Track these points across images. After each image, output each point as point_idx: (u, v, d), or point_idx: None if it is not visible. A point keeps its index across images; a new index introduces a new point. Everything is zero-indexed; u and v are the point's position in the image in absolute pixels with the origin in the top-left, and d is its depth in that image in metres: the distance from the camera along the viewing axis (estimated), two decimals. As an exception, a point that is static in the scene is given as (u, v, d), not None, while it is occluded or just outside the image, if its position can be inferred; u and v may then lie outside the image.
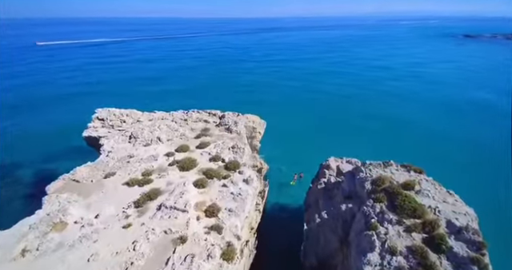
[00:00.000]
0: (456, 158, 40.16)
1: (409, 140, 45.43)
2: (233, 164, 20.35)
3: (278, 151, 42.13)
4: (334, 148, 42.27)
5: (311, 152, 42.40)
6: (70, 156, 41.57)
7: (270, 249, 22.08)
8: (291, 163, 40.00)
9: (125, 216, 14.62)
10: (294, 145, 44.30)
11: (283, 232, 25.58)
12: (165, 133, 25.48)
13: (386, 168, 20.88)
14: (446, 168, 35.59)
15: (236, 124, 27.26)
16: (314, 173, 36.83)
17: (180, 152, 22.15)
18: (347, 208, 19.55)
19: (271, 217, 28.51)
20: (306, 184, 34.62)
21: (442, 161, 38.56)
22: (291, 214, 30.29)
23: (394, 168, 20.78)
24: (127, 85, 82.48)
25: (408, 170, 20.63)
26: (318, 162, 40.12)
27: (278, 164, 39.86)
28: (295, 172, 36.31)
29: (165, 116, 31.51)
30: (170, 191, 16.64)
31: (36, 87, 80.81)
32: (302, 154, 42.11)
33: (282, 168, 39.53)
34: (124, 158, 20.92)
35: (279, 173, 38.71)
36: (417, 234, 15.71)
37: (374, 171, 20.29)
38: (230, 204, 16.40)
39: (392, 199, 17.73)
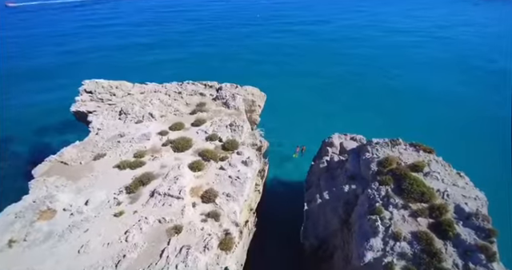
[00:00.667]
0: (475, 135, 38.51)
1: (424, 114, 43.24)
2: (231, 143, 19.04)
3: (279, 124, 40.73)
4: (339, 122, 40.87)
5: (315, 126, 41.13)
6: (63, 130, 40.25)
7: (269, 227, 22.02)
8: (293, 136, 38.84)
9: (116, 203, 13.77)
10: (296, 119, 42.67)
11: (283, 209, 25.45)
12: (157, 108, 23.69)
13: (393, 147, 19.64)
14: (462, 145, 34.56)
15: (234, 98, 25.32)
16: (316, 148, 36.17)
17: (174, 130, 20.68)
18: (350, 190, 18.82)
19: (271, 194, 28.24)
20: (309, 157, 33.81)
21: (460, 137, 37.15)
22: (292, 190, 30.05)
23: (402, 148, 19.55)
24: (115, 54, 77.14)
25: (417, 150, 19.43)
26: (322, 136, 39.17)
27: (279, 138, 38.83)
28: (298, 145, 35.29)
29: (157, 88, 29.31)
30: (163, 175, 15.60)
31: (12, 59, 72.03)
32: (305, 128, 40.76)
33: (283, 142, 38.56)
34: (114, 137, 19.53)
35: (280, 147, 37.86)
36: (423, 219, 15.10)
37: (381, 151, 19.09)
38: (227, 189, 15.50)
39: (399, 182, 16.82)
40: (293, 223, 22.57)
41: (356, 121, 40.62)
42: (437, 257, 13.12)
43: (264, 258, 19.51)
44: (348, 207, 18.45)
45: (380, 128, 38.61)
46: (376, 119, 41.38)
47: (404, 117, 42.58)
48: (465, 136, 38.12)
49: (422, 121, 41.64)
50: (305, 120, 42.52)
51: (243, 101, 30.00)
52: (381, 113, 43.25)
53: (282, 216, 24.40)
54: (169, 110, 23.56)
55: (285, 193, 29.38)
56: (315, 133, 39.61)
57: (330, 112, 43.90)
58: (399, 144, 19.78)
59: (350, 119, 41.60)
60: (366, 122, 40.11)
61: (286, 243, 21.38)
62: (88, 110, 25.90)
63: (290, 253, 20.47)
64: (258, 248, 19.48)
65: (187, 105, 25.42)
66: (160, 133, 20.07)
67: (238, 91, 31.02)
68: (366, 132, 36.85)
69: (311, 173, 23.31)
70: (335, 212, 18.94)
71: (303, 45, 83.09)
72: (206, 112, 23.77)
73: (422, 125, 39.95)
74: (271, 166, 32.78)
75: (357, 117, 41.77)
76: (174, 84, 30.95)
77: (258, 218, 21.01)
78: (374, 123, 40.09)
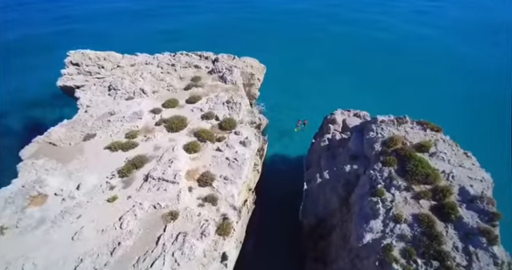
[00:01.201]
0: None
1: (432, 90, 41.08)
2: (228, 122, 17.99)
3: (279, 98, 39.17)
4: (343, 97, 39.18)
5: (317, 100, 39.61)
6: (53, 103, 38.64)
7: (268, 205, 22.09)
8: (294, 111, 37.62)
9: (109, 188, 13.22)
10: (297, 92, 40.86)
11: (283, 186, 25.34)
12: (149, 83, 22.09)
13: (399, 125, 18.67)
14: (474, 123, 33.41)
15: (231, 71, 23.55)
16: (319, 122, 35.34)
17: (168, 107, 19.43)
18: (351, 170, 18.30)
19: (271, 170, 27.92)
20: (310, 131, 32.92)
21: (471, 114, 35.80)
22: (292, 166, 29.80)
23: (408, 126, 18.59)
24: (102, 21, 71.47)
25: (424, 128, 18.49)
26: (324, 111, 37.90)
27: (280, 113, 37.66)
28: (299, 119, 34.29)
29: (149, 60, 27.27)
30: (157, 157, 14.85)
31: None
32: (307, 102, 39.28)
33: (283, 116, 37.44)
34: (104, 115, 18.38)
35: (281, 122, 36.85)
36: (425, 201, 14.76)
37: (387, 130, 18.15)
38: (225, 172, 14.89)
39: (403, 162, 16.19)
40: (292, 200, 22.62)
41: (361, 94, 38.99)
42: (437, 240, 12.99)
43: (263, 236, 19.82)
44: (348, 187, 18.12)
45: (386, 103, 37.15)
46: (380, 90, 39.61)
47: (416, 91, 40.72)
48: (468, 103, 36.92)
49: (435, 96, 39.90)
50: (308, 93, 40.76)
51: (241, 74, 28.21)
52: (386, 84, 41.32)
53: (282, 193, 24.40)
54: (161, 85, 22.01)
55: (285, 170, 29.18)
56: (318, 106, 38.28)
57: (334, 83, 41.87)
58: (406, 122, 18.76)
59: (355, 91, 39.84)
60: (371, 94, 38.49)
61: (284, 220, 21.61)
62: (75, 85, 24.32)
63: (288, 231, 20.78)
64: (257, 226, 19.69)
65: (181, 80, 23.76)
66: (153, 110, 18.86)
67: (235, 63, 29.04)
68: (371, 104, 35.69)
69: (312, 152, 22.67)
70: (335, 192, 18.69)
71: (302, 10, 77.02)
72: (202, 87, 22.25)
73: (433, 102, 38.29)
74: (271, 141, 32.19)
75: (362, 90, 39.96)
76: (167, 55, 28.80)
77: (257, 195, 20.89)
78: (379, 95, 38.42)
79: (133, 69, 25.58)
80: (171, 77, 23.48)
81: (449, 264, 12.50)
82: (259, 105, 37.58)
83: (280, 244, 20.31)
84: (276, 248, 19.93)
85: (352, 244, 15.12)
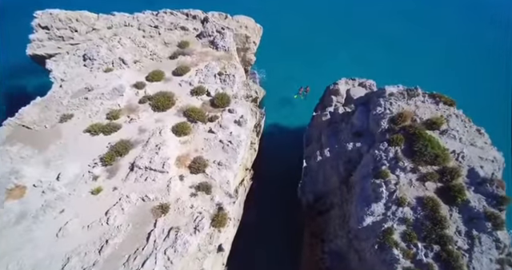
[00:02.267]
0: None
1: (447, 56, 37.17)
2: (221, 99, 16.13)
3: (278, 63, 35.99)
4: (348, 61, 36.04)
5: (320, 66, 36.46)
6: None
7: (266, 180, 21.55)
8: (294, 77, 34.91)
9: (92, 178, 12.12)
10: (298, 57, 37.41)
11: (281, 160, 24.52)
12: (129, 50, 19.34)
13: (410, 99, 16.99)
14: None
15: (223, 36, 20.58)
16: (320, 91, 33.18)
17: (152, 81, 17.26)
18: (354, 148, 17.21)
19: (269, 142, 26.57)
20: (312, 100, 30.88)
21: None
22: (291, 138, 28.60)
23: (419, 100, 16.93)
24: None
25: (436, 102, 16.88)
26: (328, 77, 35.36)
27: (279, 79, 34.95)
28: (300, 86, 32.13)
29: (128, 20, 23.75)
30: (143, 142, 13.44)
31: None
32: (309, 68, 36.26)
33: (282, 84, 34.90)
34: (81, 92, 16.31)
35: (280, 88, 34.49)
36: (431, 183, 14.03)
37: (396, 105, 16.52)
38: (219, 156, 13.70)
39: (411, 141, 15.01)
40: (290, 175, 22.08)
41: (369, 59, 35.92)
42: (440, 224, 12.58)
43: (260, 211, 19.73)
44: (350, 165, 17.28)
45: (396, 66, 34.34)
46: (390, 55, 36.29)
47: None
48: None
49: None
50: (311, 57, 37.40)
51: (235, 37, 25.08)
52: (397, 48, 37.75)
53: (280, 167, 23.75)
54: (143, 53, 19.32)
55: (284, 142, 28.05)
56: (322, 72, 35.57)
57: (340, 46, 38.13)
58: (417, 95, 17.01)
59: (363, 56, 36.55)
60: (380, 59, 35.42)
61: (282, 196, 21.35)
62: (47, 53, 21.50)
63: (286, 206, 20.67)
64: (255, 202, 19.42)
65: (166, 46, 20.90)
66: (135, 85, 16.74)
67: (227, 23, 25.62)
68: (379, 70, 33.01)
69: (312, 126, 21.28)
70: (335, 170, 17.93)
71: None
72: (190, 55, 19.62)
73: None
74: (269, 110, 30.43)
75: (371, 54, 36.61)
76: (148, 14, 25.07)
77: (254, 171, 20.21)
78: (389, 61, 35.29)
79: (110, 33, 22.39)
80: (154, 43, 20.59)
81: (450, 248, 12.29)
82: (257, 71, 34.82)
83: (278, 219, 20.42)
84: (273, 223, 20.09)
85: (351, 226, 14.85)
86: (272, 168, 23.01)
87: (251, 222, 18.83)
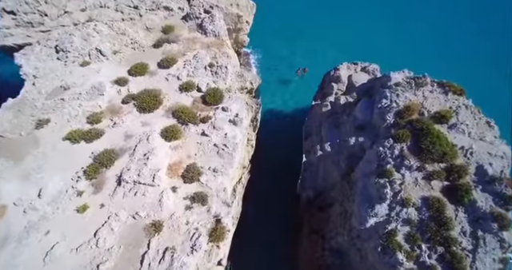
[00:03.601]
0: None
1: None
2: (213, 95, 14.65)
3: (274, 42, 33.47)
4: (350, 41, 33.45)
5: (319, 45, 33.92)
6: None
7: (265, 172, 20.84)
8: (292, 56, 32.76)
9: (76, 193, 11.14)
10: (295, 35, 34.69)
11: (279, 150, 23.61)
12: (107, 38, 17.16)
13: (417, 89, 15.77)
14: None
15: (212, 18, 18.29)
16: (319, 72, 31.22)
17: (135, 75, 15.50)
18: (357, 142, 16.32)
19: (267, 130, 25.14)
20: (311, 81, 29.08)
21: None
22: (289, 125, 27.43)
23: (428, 90, 15.74)
24: None
25: (446, 91, 15.72)
26: (328, 59, 33.30)
27: (276, 59, 32.78)
28: (299, 67, 30.46)
29: (103, 0, 20.96)
30: (130, 150, 12.25)
31: None
32: (307, 47, 33.82)
33: (280, 63, 32.85)
34: (56, 92, 14.62)
35: (276, 70, 32.56)
36: (437, 182, 13.45)
37: (402, 96, 15.32)
38: (214, 162, 12.69)
39: (418, 137, 14.11)
40: (289, 166, 21.41)
41: (368, 34, 33.45)
42: (445, 226, 12.22)
43: (259, 205, 19.31)
44: (352, 160, 16.51)
45: (400, 46, 32.12)
46: (395, 34, 33.70)
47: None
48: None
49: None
50: (308, 35, 34.73)
51: (225, 16, 22.66)
52: (401, 28, 35.05)
53: (278, 157, 22.92)
54: (123, 42, 17.19)
55: (281, 129, 26.86)
56: (322, 51, 33.35)
57: (341, 23, 35.24)
58: (425, 84, 15.73)
59: (367, 33, 33.96)
60: (384, 37, 33.00)
61: (280, 190, 20.85)
62: (16, 43, 19.15)
63: (285, 200, 20.28)
64: (252, 197, 18.88)
65: (148, 31, 18.65)
66: (116, 81, 15.01)
67: (216, 0, 22.95)
68: (383, 47, 30.83)
69: (311, 117, 20.08)
70: (336, 165, 17.21)
71: None
72: (176, 42, 17.56)
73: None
74: (266, 95, 29.06)
75: (375, 32, 33.98)
76: (127, -9, 22.13)
77: (252, 163, 19.42)
78: (393, 40, 32.89)
79: (85, 16, 19.85)
80: (135, 28, 18.30)
81: (454, 249, 12.08)
82: (251, 52, 32.59)
83: (276, 214, 20.14)
84: (272, 218, 19.83)
85: (353, 225, 14.51)
86: (269, 159, 22.15)
87: (249, 218, 18.51)
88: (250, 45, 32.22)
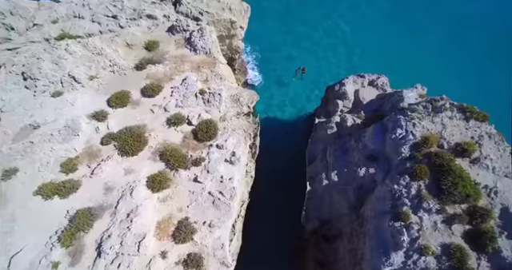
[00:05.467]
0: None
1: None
2: (206, 129, 12.80)
3: (270, 44, 31.04)
4: (353, 39, 31.01)
5: (319, 42, 31.57)
6: None
7: (263, 196, 19.40)
8: (290, 60, 30.61)
9: (51, 265, 9.61)
10: (294, 37, 32.26)
11: (280, 167, 22.06)
12: (82, 61, 14.92)
13: (435, 114, 14.06)
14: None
15: (202, 33, 15.95)
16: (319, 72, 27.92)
17: (116, 107, 13.49)
18: (367, 174, 14.82)
19: (265, 141, 23.37)
20: (311, 82, 28.62)
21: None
22: (289, 135, 25.76)
23: (447, 116, 14.04)
24: None
25: (466, 118, 14.06)
26: (328, 57, 31.13)
27: (272, 64, 30.59)
28: (299, 66, 28.77)
29: (77, 9, 18.45)
30: (110, 208, 10.60)
31: None
32: (305, 46, 31.51)
33: (276, 67, 30.77)
34: (25, 131, 12.66)
35: (275, 71, 30.57)
36: (459, 226, 12.14)
37: (420, 126, 13.60)
38: (209, 215, 11.13)
39: (437, 174, 12.63)
40: (290, 187, 19.92)
41: (377, 35, 31.01)
42: (465, 277, 11.03)
43: (260, 239, 18.03)
44: (361, 192, 15.11)
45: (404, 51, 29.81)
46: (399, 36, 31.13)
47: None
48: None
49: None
50: (308, 34, 32.28)
51: (217, 23, 20.35)
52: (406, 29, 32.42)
53: (278, 176, 21.44)
54: (101, 64, 14.96)
55: (281, 141, 25.15)
56: (321, 52, 31.16)
57: (342, 20, 32.61)
58: (444, 109, 14.00)
59: (371, 29, 31.47)
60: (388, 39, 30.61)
61: (281, 213, 19.46)
62: (-23, 64, 16.77)
63: (286, 227, 18.94)
64: (253, 226, 17.56)
65: (130, 48, 16.36)
66: (94, 115, 13.03)
67: (206, 4, 20.51)
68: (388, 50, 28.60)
69: (315, 139, 18.34)
70: (344, 196, 15.79)
71: None
72: (161, 62, 15.38)
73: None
74: (263, 100, 27.30)
75: (379, 31, 31.46)
76: (104, -3, 19.50)
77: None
78: (398, 43, 30.43)
79: (56, 30, 17.43)
80: (115, 45, 15.97)
81: (472, 301, 11.02)
82: (248, 53, 30.37)
83: (278, 240, 18.94)
84: (273, 249, 18.68)
85: (364, 269, 13.36)
86: (270, 180, 20.67)
87: (250, 247, 17.29)
88: (247, 43, 29.94)
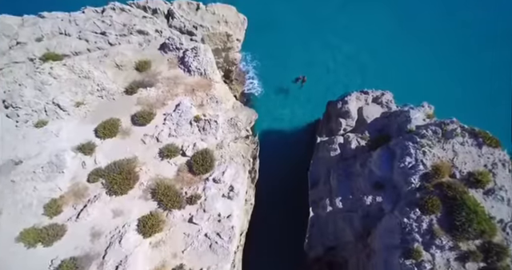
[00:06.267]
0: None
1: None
2: (201, 163, 11.87)
3: (270, 52, 30.19)
4: (354, 48, 30.05)
5: (319, 50, 30.60)
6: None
7: (264, 219, 18.57)
8: (290, 69, 29.76)
9: None
10: (295, 45, 31.34)
11: (280, 187, 21.24)
12: (67, 85, 13.88)
13: (446, 141, 13.18)
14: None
15: (196, 52, 14.92)
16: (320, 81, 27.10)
17: (104, 137, 12.53)
18: (374, 202, 13.99)
19: (265, 158, 22.51)
20: (310, 92, 27.88)
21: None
22: (291, 150, 24.88)
23: (458, 142, 13.17)
24: None
25: (479, 144, 13.25)
26: (328, 65, 29.68)
27: (272, 72, 29.69)
28: (299, 75, 28.20)
29: (63, 25, 17.45)
30: (98, 259, 9.71)
31: None
32: (304, 55, 30.64)
33: (277, 75, 29.93)
34: (6, 167, 11.67)
35: (274, 80, 29.73)
36: (472, 264, 11.38)
37: (430, 154, 12.74)
38: (206, 261, 10.25)
39: (450, 208, 11.82)
40: (293, 214, 19.08)
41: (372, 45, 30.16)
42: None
43: (260, 267, 17.18)
44: (368, 221, 14.30)
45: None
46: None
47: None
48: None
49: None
50: (308, 42, 31.31)
51: (212, 37, 19.44)
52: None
53: (278, 198, 20.61)
54: (88, 88, 13.94)
55: (281, 158, 24.29)
56: (321, 60, 30.25)
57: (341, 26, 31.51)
58: (455, 134, 13.13)
59: (366, 41, 30.50)
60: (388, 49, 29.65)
61: (283, 240, 18.66)
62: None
63: (289, 258, 18.08)
64: (253, 254, 16.74)
65: (119, 69, 15.32)
66: (80, 148, 12.05)
67: (200, 17, 19.67)
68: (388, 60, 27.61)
69: (317, 161, 17.46)
70: (348, 223, 15.01)
71: None
72: (153, 85, 14.38)
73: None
74: (262, 108, 26.58)
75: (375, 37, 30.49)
76: (91, 11, 18.51)
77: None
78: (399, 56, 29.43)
79: (41, 49, 16.37)
80: (103, 67, 14.92)
81: None
82: (248, 62, 29.57)
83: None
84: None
85: (372, 305, 12.62)
86: (270, 202, 19.75)
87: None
88: (247, 51, 29.11)
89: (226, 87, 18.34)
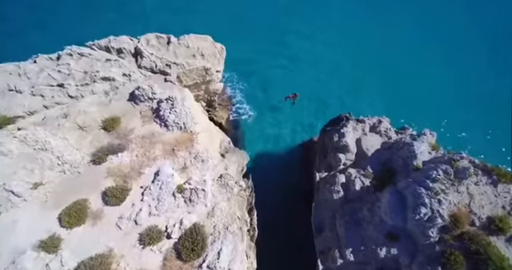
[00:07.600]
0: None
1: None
2: (192, 246, 9.97)
3: (256, 70, 29.09)
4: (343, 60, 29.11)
5: (312, 70, 29.77)
6: None
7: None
8: (280, 87, 28.70)
9: None
10: (283, 62, 30.27)
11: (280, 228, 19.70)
12: (20, 162, 11.58)
13: (460, 182, 11.97)
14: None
15: (173, 103, 12.97)
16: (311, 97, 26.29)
17: (70, 226, 10.38)
18: (389, 255, 12.64)
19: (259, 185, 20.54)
20: (302, 109, 27.33)
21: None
22: (285, 175, 23.57)
23: (472, 181, 12.00)
24: None
25: (493, 181, 12.12)
26: (318, 80, 28.58)
27: (261, 92, 28.63)
28: (291, 93, 27.11)
29: (12, 80, 14.95)
30: None
31: None
32: (297, 74, 29.71)
33: (266, 95, 28.81)
34: None
35: (264, 95, 28.62)
36: None
37: (446, 202, 11.47)
38: None
39: (475, 265, 10.63)
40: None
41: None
42: None
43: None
44: (383, 273, 12.98)
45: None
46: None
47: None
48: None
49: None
50: (297, 57, 30.25)
51: (189, 73, 17.66)
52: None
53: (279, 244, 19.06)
54: (47, 163, 11.67)
55: (277, 185, 22.91)
56: (312, 75, 29.34)
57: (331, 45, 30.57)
58: (469, 175, 11.94)
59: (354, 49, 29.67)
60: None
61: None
62: None
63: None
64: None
65: (83, 131, 13.10)
66: (42, 245, 9.89)
67: (173, 52, 17.74)
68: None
69: (320, 204, 15.91)
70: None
71: None
72: (125, 149, 12.32)
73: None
74: (253, 132, 25.48)
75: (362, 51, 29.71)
76: (45, 59, 16.06)
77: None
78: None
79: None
80: (62, 133, 12.66)
81: None
82: (233, 86, 28.21)
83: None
84: None
85: None
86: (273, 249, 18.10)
87: None
88: (233, 72, 27.70)
89: (211, 127, 16.55)
